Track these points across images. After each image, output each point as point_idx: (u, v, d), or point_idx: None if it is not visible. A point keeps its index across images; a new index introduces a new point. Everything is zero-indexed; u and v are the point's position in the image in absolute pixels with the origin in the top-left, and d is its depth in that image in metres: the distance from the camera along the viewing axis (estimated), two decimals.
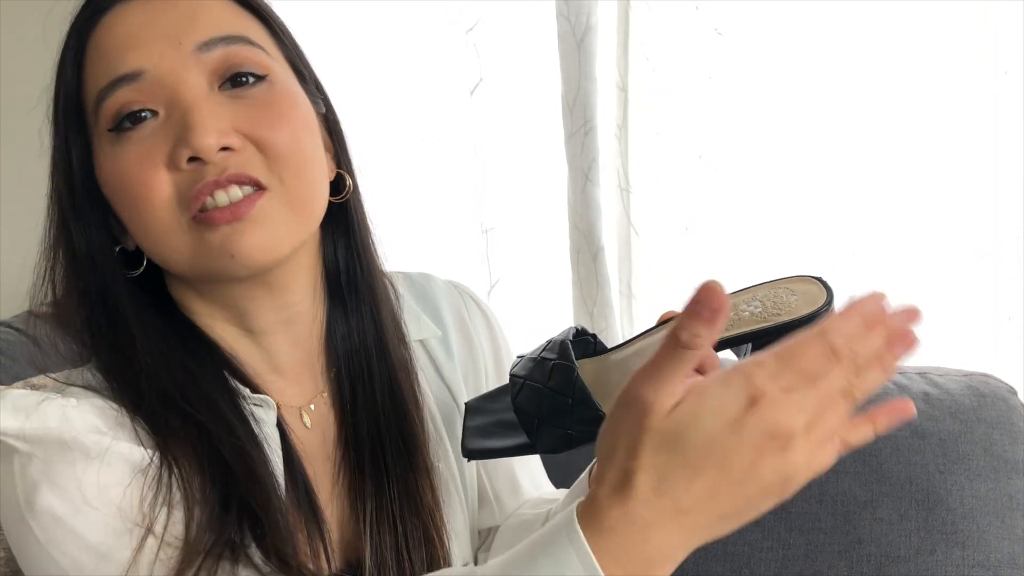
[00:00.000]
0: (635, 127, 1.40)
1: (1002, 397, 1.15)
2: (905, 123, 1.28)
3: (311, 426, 0.79)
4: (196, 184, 0.68)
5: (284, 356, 0.79)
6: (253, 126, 0.70)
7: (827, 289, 0.71)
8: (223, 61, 0.71)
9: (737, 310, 0.72)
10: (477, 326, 0.91)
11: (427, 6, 1.59)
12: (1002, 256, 1.26)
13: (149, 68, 0.70)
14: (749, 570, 1.14)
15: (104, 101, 0.70)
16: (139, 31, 0.71)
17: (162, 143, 0.69)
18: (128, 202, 0.71)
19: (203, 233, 0.69)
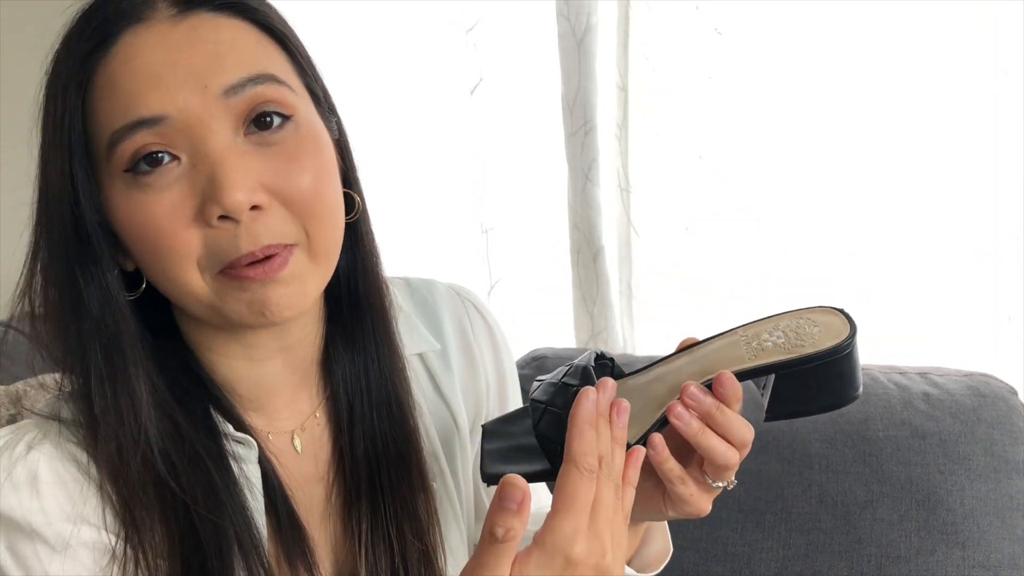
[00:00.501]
0: (635, 127, 1.40)
1: (1002, 397, 1.15)
2: (905, 123, 1.28)
3: (302, 450, 0.78)
4: (228, 249, 0.67)
5: (279, 381, 0.77)
6: (280, 181, 0.68)
7: (850, 321, 0.71)
8: (250, 103, 0.68)
9: (760, 340, 0.72)
10: (479, 337, 0.89)
11: (427, 6, 1.59)
12: (1002, 256, 1.26)
13: (173, 114, 0.66)
14: (749, 570, 1.14)
15: (120, 143, 0.66)
16: (160, 70, 0.66)
17: (188, 195, 0.67)
18: (151, 250, 0.68)
19: (232, 290, 0.68)
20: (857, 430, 1.14)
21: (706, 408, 0.68)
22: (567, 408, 0.67)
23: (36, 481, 0.69)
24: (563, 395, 0.71)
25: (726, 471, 0.70)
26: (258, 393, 0.77)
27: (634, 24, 1.37)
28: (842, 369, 0.70)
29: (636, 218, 1.42)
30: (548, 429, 0.71)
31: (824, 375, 0.70)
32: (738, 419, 0.69)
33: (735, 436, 0.69)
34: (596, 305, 1.48)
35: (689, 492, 0.70)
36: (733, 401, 0.69)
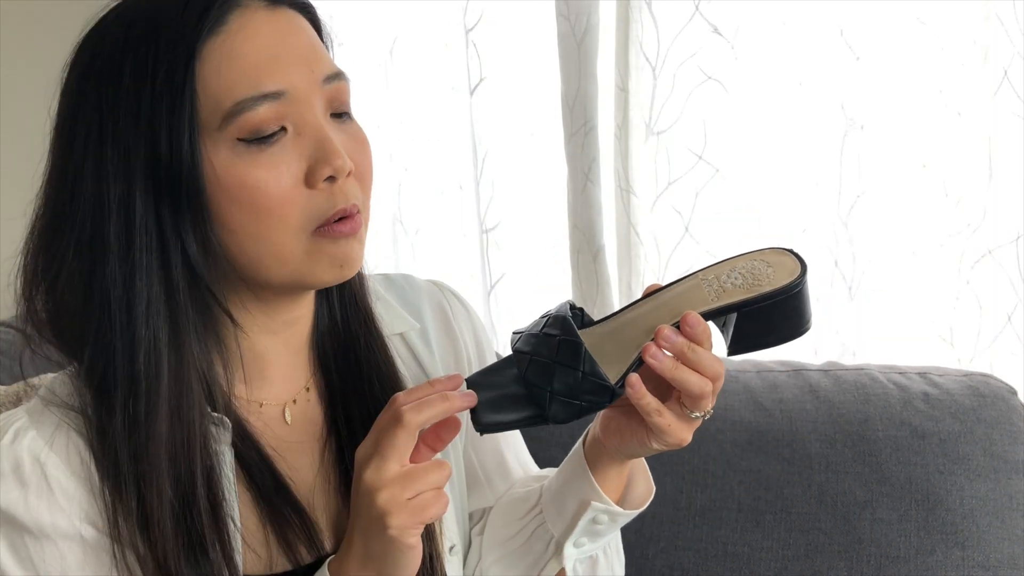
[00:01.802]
0: (635, 127, 1.40)
1: (1002, 397, 1.15)
2: (905, 123, 1.28)
3: (291, 422, 0.84)
4: (328, 209, 0.75)
5: (279, 355, 0.83)
6: (356, 156, 0.77)
7: (800, 261, 0.78)
8: (335, 94, 0.77)
9: (720, 282, 0.78)
10: (459, 320, 0.96)
11: (427, 6, 1.59)
12: (1002, 256, 1.26)
13: (290, 90, 0.74)
14: (749, 570, 1.14)
15: (244, 113, 0.73)
16: (279, 50, 0.75)
17: (295, 161, 0.74)
18: (253, 212, 0.74)
19: (324, 244, 0.75)
20: (857, 430, 1.14)
21: (679, 347, 0.74)
22: (552, 357, 0.75)
23: (20, 471, 0.74)
24: (546, 344, 0.76)
25: (701, 400, 0.76)
26: (258, 366, 0.82)
27: (634, 24, 1.36)
28: (796, 304, 0.77)
29: (636, 218, 1.42)
30: (535, 377, 0.76)
31: (781, 310, 0.77)
32: (708, 355, 0.76)
33: (707, 370, 0.75)
34: (596, 305, 1.48)
35: (667, 423, 0.76)
36: (703, 339, 0.75)
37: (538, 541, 0.88)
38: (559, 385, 0.74)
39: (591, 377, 0.74)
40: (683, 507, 1.16)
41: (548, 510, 0.87)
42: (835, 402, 1.17)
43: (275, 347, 0.83)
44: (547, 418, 0.75)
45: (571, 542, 0.85)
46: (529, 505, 0.89)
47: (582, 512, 0.83)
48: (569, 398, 0.74)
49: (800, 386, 1.19)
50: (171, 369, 0.74)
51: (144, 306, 0.73)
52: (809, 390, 1.18)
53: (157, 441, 0.74)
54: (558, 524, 0.86)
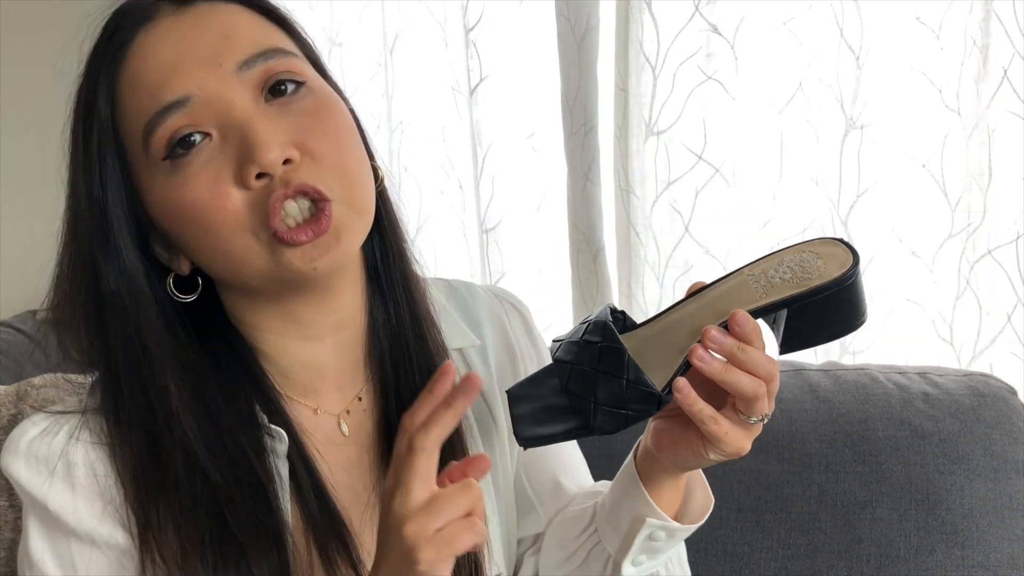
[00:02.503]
0: (635, 127, 1.40)
1: (1002, 397, 1.15)
2: (905, 123, 1.28)
3: (349, 433, 0.81)
4: (267, 200, 0.70)
5: (330, 363, 0.81)
6: (306, 137, 0.72)
7: (852, 250, 0.74)
8: (263, 74, 0.72)
9: (768, 277, 0.74)
10: (516, 329, 0.92)
11: (427, 6, 1.59)
12: (1002, 256, 1.26)
13: (195, 92, 0.71)
14: (749, 570, 1.14)
15: (154, 132, 0.71)
16: (176, 58, 0.72)
17: (225, 165, 0.71)
18: (199, 227, 0.71)
19: (284, 251, 0.71)
20: (857, 430, 1.14)
21: (728, 348, 0.70)
22: (595, 365, 0.71)
23: (72, 474, 0.74)
24: (587, 352, 0.72)
25: (756, 403, 0.71)
26: (308, 376, 0.80)
27: (634, 24, 1.36)
28: (850, 296, 0.72)
29: (636, 218, 1.42)
30: (578, 387, 0.72)
31: (834, 304, 0.72)
32: (760, 354, 0.71)
33: (760, 371, 0.71)
34: (596, 305, 1.48)
35: (724, 431, 0.72)
36: (753, 338, 0.71)
37: (595, 561, 0.84)
38: (603, 394, 0.71)
39: (636, 385, 0.71)
40: None
41: (603, 528, 0.83)
42: (835, 402, 1.17)
43: (326, 353, 0.80)
44: (592, 429, 0.72)
45: (629, 560, 0.81)
46: (584, 524, 0.86)
47: (637, 529, 0.79)
48: (614, 407, 0.71)
49: (800, 386, 1.19)
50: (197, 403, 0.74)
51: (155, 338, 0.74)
52: (809, 390, 1.18)
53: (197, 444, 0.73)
54: (614, 542, 0.82)
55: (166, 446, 0.73)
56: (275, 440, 0.76)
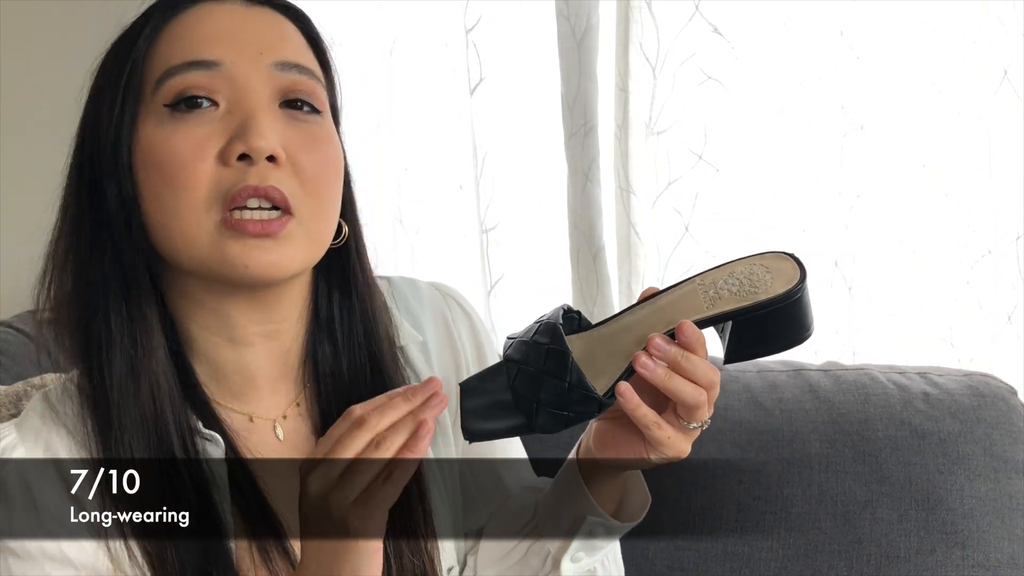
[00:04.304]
0: (635, 127, 1.40)
1: (1002, 397, 1.15)
2: (905, 123, 1.28)
3: (283, 438, 0.82)
4: (236, 184, 0.72)
5: (260, 368, 0.81)
6: (298, 149, 0.74)
7: (800, 266, 0.75)
8: (291, 84, 0.76)
9: (716, 288, 0.76)
10: (460, 328, 0.93)
11: (427, 6, 1.59)
12: (1002, 256, 1.26)
13: (227, 63, 0.74)
14: (749, 570, 1.14)
15: (171, 78, 0.73)
16: (226, 31, 0.75)
17: (217, 135, 0.73)
18: (165, 180, 0.73)
19: (228, 239, 0.73)
20: (857, 430, 1.14)
21: (672, 356, 0.72)
22: (540, 366, 0.74)
23: (5, 490, 0.74)
24: (535, 353, 0.75)
25: (697, 411, 0.74)
26: (239, 380, 0.80)
27: (634, 24, 1.36)
28: (795, 312, 0.74)
29: (636, 218, 1.41)
30: (523, 387, 0.74)
31: (779, 319, 0.74)
32: (703, 363, 0.73)
33: (701, 379, 0.73)
34: (596, 305, 1.48)
35: (666, 435, 0.74)
36: (697, 347, 0.73)
37: (535, 557, 0.86)
38: (546, 395, 0.73)
39: (578, 388, 0.73)
40: (683, 507, 1.16)
41: (544, 525, 0.85)
42: (835, 402, 1.17)
43: (256, 360, 0.81)
44: (534, 428, 0.74)
45: (568, 557, 0.83)
46: (524, 520, 0.88)
47: (578, 527, 0.82)
48: (556, 409, 0.73)
49: (800, 386, 1.19)
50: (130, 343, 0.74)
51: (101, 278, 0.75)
52: (809, 390, 1.18)
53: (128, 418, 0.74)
54: (554, 539, 0.84)
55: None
56: (212, 443, 0.77)
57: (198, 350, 0.79)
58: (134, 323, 0.75)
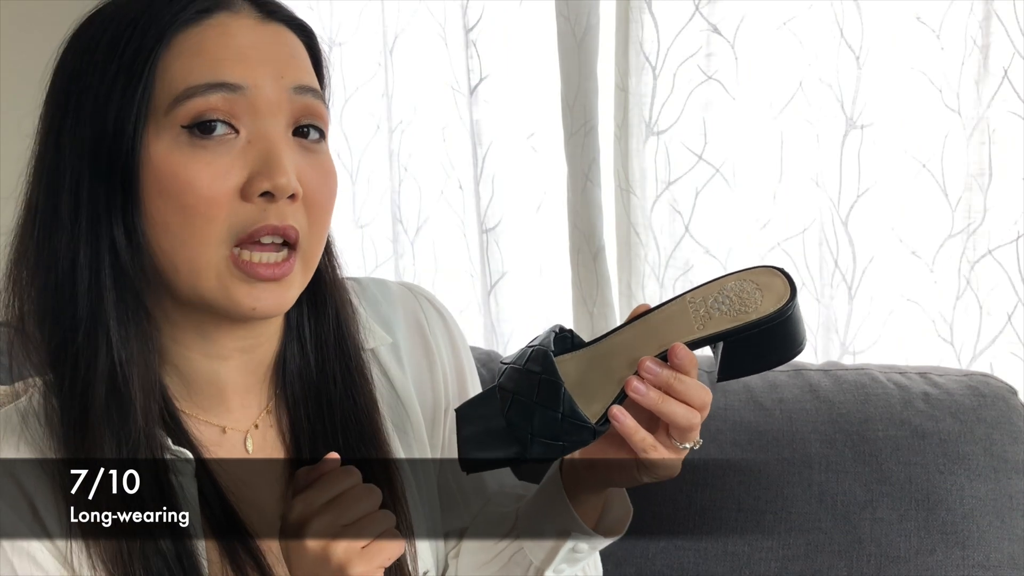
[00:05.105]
0: (635, 127, 1.40)
1: (1002, 397, 1.15)
2: (905, 123, 1.28)
3: (253, 450, 0.81)
4: (256, 222, 0.71)
5: (232, 380, 0.80)
6: (311, 183, 0.74)
7: (790, 283, 0.75)
8: (303, 109, 0.74)
9: (707, 307, 0.76)
10: (435, 329, 0.91)
11: (427, 6, 1.59)
12: (1002, 256, 1.26)
13: (251, 87, 0.71)
14: (749, 570, 1.14)
15: (192, 99, 0.70)
16: (248, 49, 0.72)
17: (237, 167, 0.71)
18: (179, 209, 0.71)
19: (237, 280, 0.72)
20: (857, 430, 1.14)
21: (664, 380, 0.72)
22: (533, 397, 0.73)
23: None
24: (527, 381, 0.74)
25: (690, 432, 0.74)
26: (211, 392, 0.79)
27: (634, 24, 1.36)
28: (786, 331, 0.75)
29: (636, 218, 1.42)
30: (517, 417, 0.74)
31: (770, 337, 0.74)
32: (695, 384, 0.73)
33: (694, 400, 0.73)
34: (596, 305, 1.48)
35: (660, 456, 0.74)
36: (690, 369, 0.73)
37: (516, 566, 0.86)
38: (539, 425, 0.73)
39: (571, 419, 0.72)
40: (683, 507, 1.16)
41: (525, 536, 0.85)
42: (835, 402, 1.17)
43: (230, 374, 0.79)
44: (528, 458, 0.73)
45: (551, 570, 0.84)
46: (505, 529, 0.87)
47: (562, 541, 0.82)
48: (550, 439, 0.73)
49: (800, 386, 1.19)
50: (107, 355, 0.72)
51: (85, 285, 0.72)
52: (809, 390, 1.18)
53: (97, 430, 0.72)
54: (537, 552, 0.84)
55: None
56: (182, 460, 0.75)
57: (169, 362, 0.77)
58: (126, 341, 0.73)
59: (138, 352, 0.73)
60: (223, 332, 0.77)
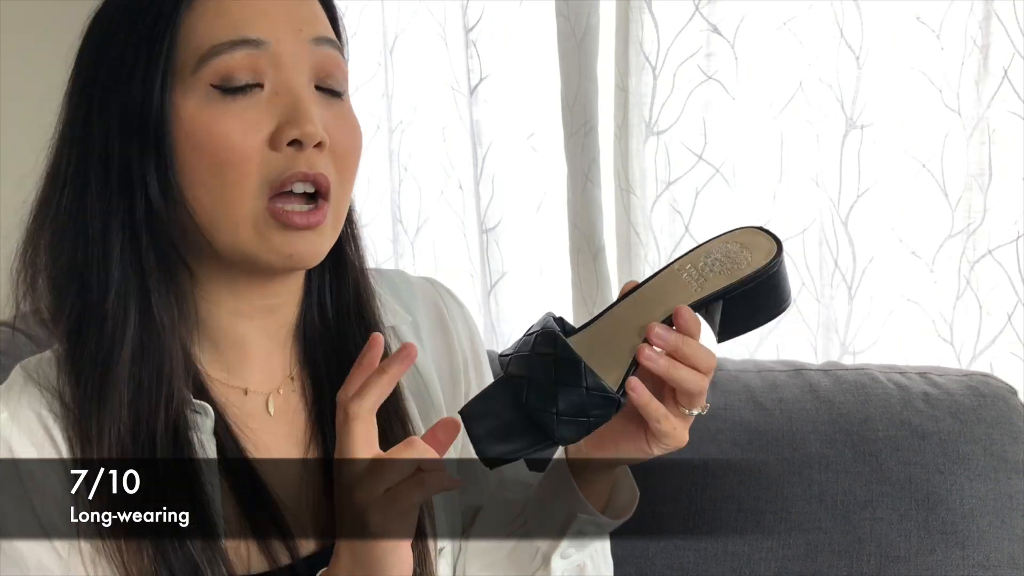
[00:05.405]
0: (635, 127, 1.40)
1: (1002, 397, 1.15)
2: (905, 123, 1.28)
3: (275, 413, 0.82)
4: (287, 170, 0.73)
5: (255, 341, 0.81)
6: (336, 133, 0.76)
7: (774, 238, 0.77)
8: (324, 61, 0.76)
9: (699, 270, 0.76)
10: (454, 316, 0.93)
11: (427, 6, 1.59)
12: (1002, 256, 1.26)
13: (272, 41, 0.74)
14: (749, 570, 1.14)
15: (218, 56, 0.73)
16: (267, 5, 0.75)
17: (265, 119, 0.73)
18: (213, 164, 0.73)
19: (274, 229, 0.74)
20: (857, 430, 1.14)
21: (673, 343, 0.73)
22: (549, 376, 0.72)
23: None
24: (542, 364, 0.73)
25: (698, 397, 0.75)
26: (235, 353, 0.81)
27: (634, 24, 1.36)
28: (778, 281, 0.76)
29: (636, 218, 1.42)
30: (537, 401, 0.73)
31: (764, 291, 0.75)
32: (701, 347, 0.74)
33: (702, 363, 0.74)
34: (596, 305, 1.48)
35: (671, 426, 0.74)
36: (695, 331, 0.74)
37: (524, 552, 0.86)
38: (564, 405, 0.72)
39: (595, 391, 0.72)
40: (683, 507, 1.16)
41: (533, 520, 0.86)
42: (835, 402, 1.17)
43: (252, 333, 0.81)
44: (556, 440, 0.73)
45: (558, 554, 0.84)
46: (515, 513, 0.88)
47: (569, 524, 0.82)
48: (576, 416, 0.72)
49: (800, 386, 1.19)
50: (140, 315, 0.74)
51: (118, 247, 0.74)
52: (809, 390, 1.18)
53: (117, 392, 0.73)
54: (544, 536, 0.84)
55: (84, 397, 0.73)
56: (201, 416, 0.76)
57: (199, 320, 0.79)
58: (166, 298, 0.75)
59: (177, 310, 0.76)
60: (251, 287, 0.79)
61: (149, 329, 0.74)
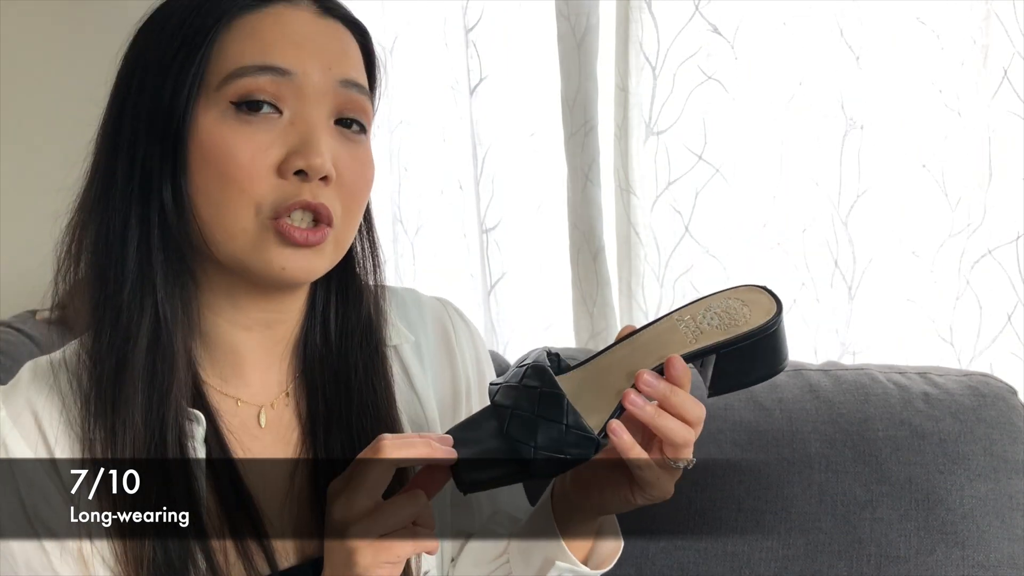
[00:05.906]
0: (635, 127, 1.40)
1: (1002, 397, 1.15)
2: (905, 123, 1.28)
3: (266, 425, 0.83)
4: (290, 197, 0.74)
5: (251, 353, 0.82)
6: (346, 169, 0.77)
7: (775, 298, 0.78)
8: (347, 102, 0.78)
9: (697, 322, 0.77)
10: (461, 340, 0.94)
11: (427, 5, 1.59)
12: (1002, 256, 1.26)
13: (299, 73, 0.75)
14: (749, 570, 1.14)
15: (242, 77, 0.75)
16: (302, 38, 0.77)
17: (277, 145, 0.75)
18: (219, 178, 0.74)
19: (272, 243, 0.75)
20: (857, 430, 1.14)
21: (661, 392, 0.73)
22: (532, 409, 0.73)
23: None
24: (526, 397, 0.74)
25: (684, 449, 0.74)
26: (231, 363, 0.81)
27: (634, 24, 1.36)
28: (775, 343, 0.76)
29: (636, 218, 1.42)
30: (518, 432, 0.73)
31: (760, 350, 0.76)
32: (690, 398, 0.74)
33: (689, 415, 0.74)
34: (596, 305, 1.48)
35: (655, 476, 0.74)
36: (685, 382, 0.74)
37: None
38: (543, 439, 0.72)
39: (575, 429, 0.72)
40: (683, 507, 1.16)
41: (515, 560, 0.86)
42: (835, 402, 1.17)
43: (249, 345, 0.82)
44: (531, 473, 0.73)
45: None
46: (499, 550, 0.88)
47: (547, 569, 0.82)
48: (554, 452, 0.72)
49: (800, 386, 1.19)
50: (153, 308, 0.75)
51: (134, 243, 0.75)
52: (809, 390, 1.18)
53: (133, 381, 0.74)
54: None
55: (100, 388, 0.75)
56: (193, 423, 0.77)
57: (200, 326, 0.80)
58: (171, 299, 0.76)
59: (181, 311, 0.77)
60: (250, 300, 0.80)
61: (160, 327, 0.76)
